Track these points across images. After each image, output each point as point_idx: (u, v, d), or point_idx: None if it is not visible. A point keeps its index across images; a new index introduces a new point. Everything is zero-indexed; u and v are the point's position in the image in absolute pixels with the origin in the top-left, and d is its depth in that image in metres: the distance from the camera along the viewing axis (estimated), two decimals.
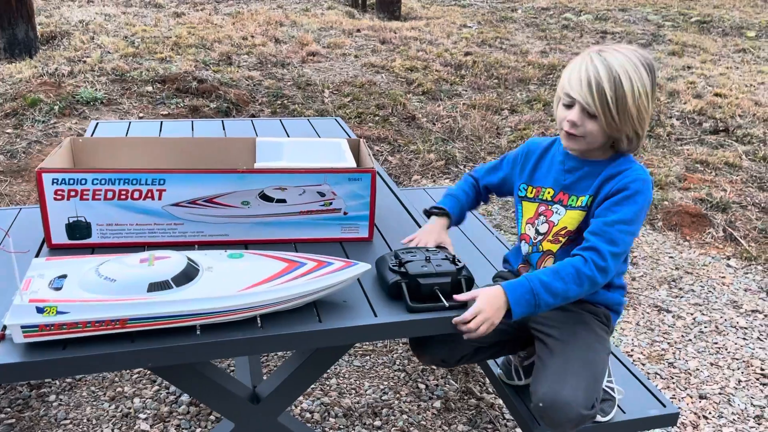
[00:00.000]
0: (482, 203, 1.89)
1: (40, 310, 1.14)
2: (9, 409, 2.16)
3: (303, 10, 9.11)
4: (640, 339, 2.71)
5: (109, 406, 2.19)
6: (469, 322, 1.36)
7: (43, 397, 2.22)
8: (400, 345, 2.61)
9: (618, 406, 1.67)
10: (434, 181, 4.22)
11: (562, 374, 1.48)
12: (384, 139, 4.80)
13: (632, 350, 2.64)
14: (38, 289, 1.19)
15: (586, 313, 1.64)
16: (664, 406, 1.66)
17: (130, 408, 2.19)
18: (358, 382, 2.39)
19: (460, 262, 1.50)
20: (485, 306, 1.38)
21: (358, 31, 7.92)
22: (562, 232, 1.61)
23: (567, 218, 1.61)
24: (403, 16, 9.50)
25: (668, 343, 2.70)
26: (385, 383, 2.39)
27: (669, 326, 2.81)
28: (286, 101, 5.36)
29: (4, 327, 1.20)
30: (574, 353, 1.53)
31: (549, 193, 1.66)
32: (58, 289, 1.20)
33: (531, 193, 1.70)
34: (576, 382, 1.46)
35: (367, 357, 2.54)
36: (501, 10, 10.60)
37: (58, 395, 2.23)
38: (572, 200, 1.61)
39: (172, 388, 2.28)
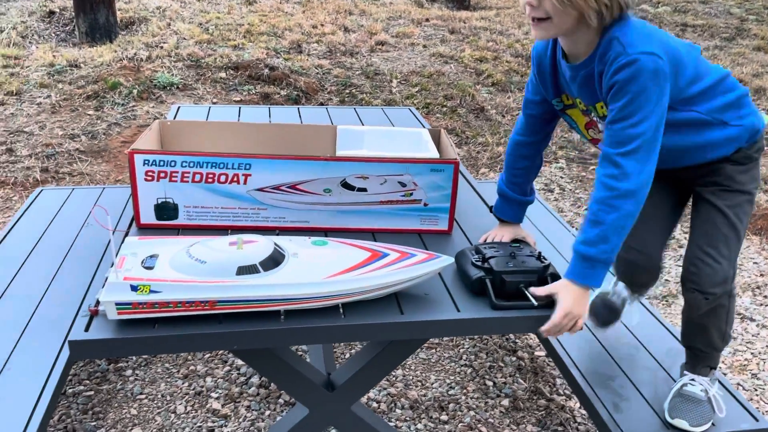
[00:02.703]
0: (546, 144, 1.70)
1: (134, 288, 1.16)
2: (88, 381, 2.24)
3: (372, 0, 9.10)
4: None
5: (183, 384, 2.25)
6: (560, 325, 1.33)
7: (120, 371, 2.30)
8: (467, 340, 2.57)
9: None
10: None
11: (706, 240, 1.56)
12: (452, 130, 4.74)
13: None
14: (132, 267, 1.22)
15: (723, 168, 1.57)
16: (757, 420, 1.56)
17: (202, 386, 2.24)
18: (424, 374, 2.37)
19: (546, 259, 1.45)
20: (571, 305, 1.32)
21: (427, 20, 7.84)
22: None
23: None
24: (472, 5, 9.35)
25: (752, 353, 2.56)
26: (452, 378, 2.36)
27: (753, 336, 2.67)
28: (354, 90, 5.37)
29: (98, 302, 1.23)
30: (719, 222, 1.56)
31: (581, 103, 1.53)
32: (150, 268, 1.22)
33: (568, 100, 1.56)
34: (720, 249, 1.53)
35: (433, 350, 2.51)
36: None
37: (135, 370, 2.31)
38: (595, 111, 1.48)
39: (243, 369, 2.32)
